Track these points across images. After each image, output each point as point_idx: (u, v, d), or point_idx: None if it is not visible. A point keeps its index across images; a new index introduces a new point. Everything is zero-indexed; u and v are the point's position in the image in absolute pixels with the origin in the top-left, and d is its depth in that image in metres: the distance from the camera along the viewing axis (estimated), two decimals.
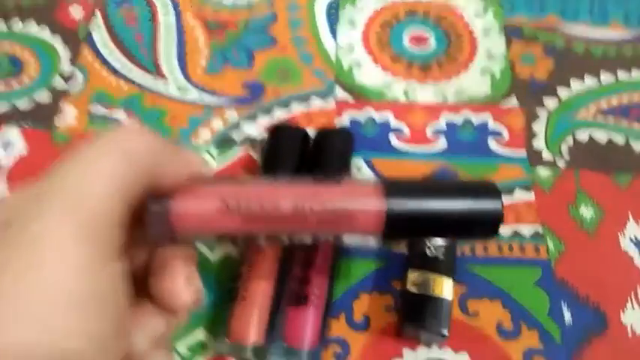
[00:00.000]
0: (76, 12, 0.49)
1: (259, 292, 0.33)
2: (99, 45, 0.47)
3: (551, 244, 0.38)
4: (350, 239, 0.26)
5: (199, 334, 0.35)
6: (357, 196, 0.24)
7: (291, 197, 0.24)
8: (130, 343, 0.22)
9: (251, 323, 0.32)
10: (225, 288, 0.35)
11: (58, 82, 0.45)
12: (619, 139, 0.42)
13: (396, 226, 0.25)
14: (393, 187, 0.25)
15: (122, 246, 0.20)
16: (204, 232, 0.24)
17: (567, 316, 0.35)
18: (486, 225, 0.26)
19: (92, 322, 0.18)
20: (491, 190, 0.26)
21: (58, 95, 0.44)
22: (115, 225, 0.19)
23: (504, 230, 0.38)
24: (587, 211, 0.39)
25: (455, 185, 0.27)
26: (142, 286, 0.23)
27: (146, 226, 0.22)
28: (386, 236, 0.25)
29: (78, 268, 0.18)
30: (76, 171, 0.19)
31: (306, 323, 0.33)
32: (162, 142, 0.22)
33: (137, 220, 0.22)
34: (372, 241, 0.26)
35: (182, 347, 0.34)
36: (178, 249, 0.24)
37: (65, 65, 0.46)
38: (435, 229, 0.26)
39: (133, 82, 0.45)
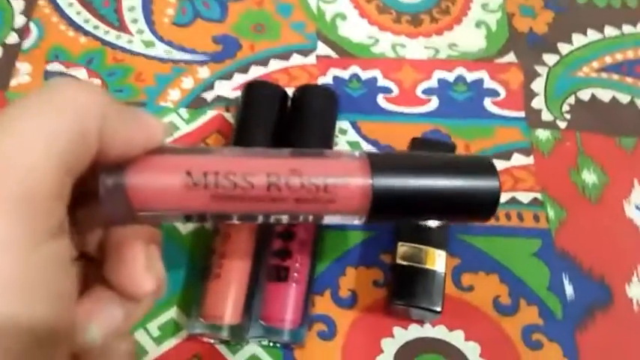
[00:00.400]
0: None
1: (235, 267, 0.31)
2: None
3: (551, 212, 0.35)
4: (331, 220, 0.24)
5: (172, 313, 0.32)
6: (340, 172, 0.22)
7: (265, 171, 0.22)
8: (83, 335, 0.19)
9: (227, 301, 0.30)
10: (198, 262, 0.33)
11: (11, 37, 0.41)
12: (623, 98, 0.40)
13: (383, 206, 0.23)
14: (380, 162, 0.23)
15: (61, 222, 0.17)
16: (167, 210, 0.21)
17: (569, 289, 0.33)
18: (482, 205, 0.25)
19: (35, 310, 0.16)
20: (486, 167, 0.25)
21: (11, 51, 0.41)
22: (53, 197, 0.16)
23: (501, 197, 0.36)
24: (589, 176, 0.37)
25: (447, 160, 0.26)
26: (97, 271, 0.21)
27: (99, 202, 0.20)
28: (371, 218, 0.24)
29: (5, 247, 0.15)
30: (10, 127, 0.16)
31: (288, 300, 0.31)
32: (117, 103, 0.19)
33: (86, 194, 0.19)
34: (355, 223, 0.24)
35: (153, 327, 0.32)
36: (137, 228, 0.21)
37: (19, 18, 0.42)
38: (425, 209, 0.25)
39: (94, 37, 0.41)
